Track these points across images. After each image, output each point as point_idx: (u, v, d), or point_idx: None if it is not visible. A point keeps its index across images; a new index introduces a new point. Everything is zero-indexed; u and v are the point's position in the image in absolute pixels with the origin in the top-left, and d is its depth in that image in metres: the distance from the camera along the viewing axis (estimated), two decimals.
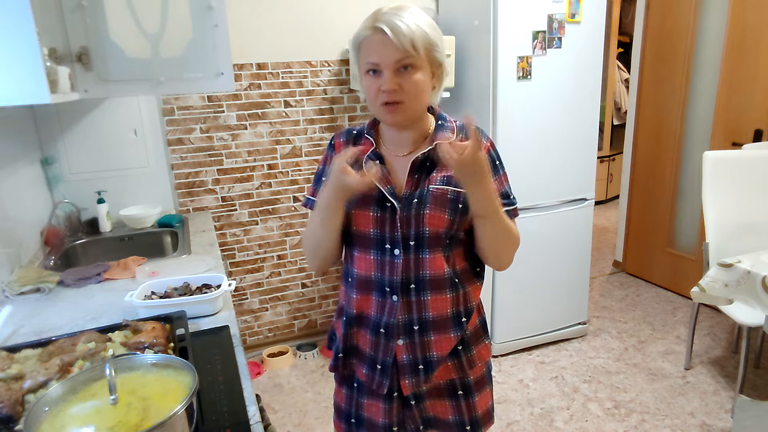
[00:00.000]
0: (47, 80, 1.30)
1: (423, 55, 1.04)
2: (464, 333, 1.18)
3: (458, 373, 1.20)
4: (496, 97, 2.50)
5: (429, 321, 1.15)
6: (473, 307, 1.20)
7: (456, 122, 1.18)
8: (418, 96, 1.06)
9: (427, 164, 1.12)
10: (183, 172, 2.61)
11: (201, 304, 1.46)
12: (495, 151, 1.16)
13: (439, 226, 1.10)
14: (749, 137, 2.92)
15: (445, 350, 1.16)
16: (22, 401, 0.96)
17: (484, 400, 1.27)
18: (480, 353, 1.23)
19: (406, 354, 1.16)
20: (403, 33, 1.00)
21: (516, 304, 2.78)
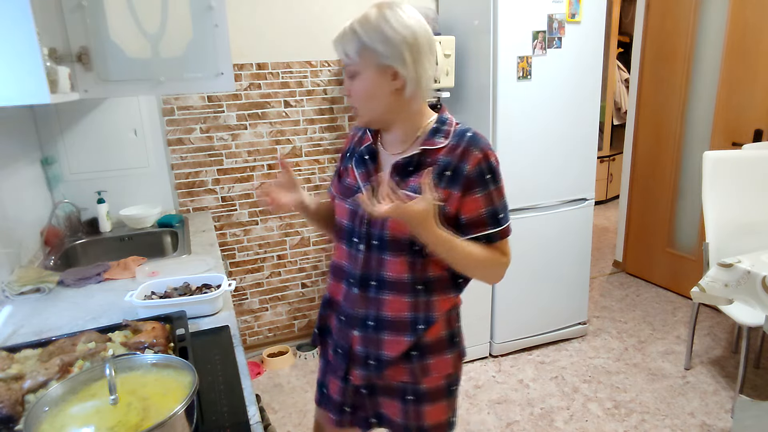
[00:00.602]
0: (47, 80, 1.30)
1: (361, 61, 1.07)
2: (419, 340, 1.17)
3: (410, 377, 1.20)
4: (496, 97, 2.50)
5: (384, 320, 1.17)
6: (435, 317, 1.17)
7: (458, 125, 1.15)
8: (367, 100, 1.10)
9: (410, 168, 1.12)
10: (183, 172, 2.61)
11: (201, 304, 1.46)
12: (489, 163, 1.10)
13: (400, 232, 1.11)
14: (749, 137, 2.92)
15: (394, 352, 1.17)
16: (22, 401, 0.96)
17: (437, 412, 1.23)
18: (438, 365, 1.20)
19: (360, 346, 1.20)
20: (338, 41, 1.09)
21: (516, 304, 2.78)
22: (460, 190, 1.09)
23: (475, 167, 1.09)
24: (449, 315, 1.21)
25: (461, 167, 1.09)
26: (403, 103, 1.12)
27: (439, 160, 1.10)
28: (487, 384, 2.62)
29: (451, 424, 1.28)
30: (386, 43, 1.05)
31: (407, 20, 1.07)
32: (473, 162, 1.09)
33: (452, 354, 1.22)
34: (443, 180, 1.09)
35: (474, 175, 1.09)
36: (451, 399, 1.26)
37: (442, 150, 1.11)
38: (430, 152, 1.12)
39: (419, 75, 1.09)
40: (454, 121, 1.16)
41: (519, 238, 2.69)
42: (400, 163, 1.13)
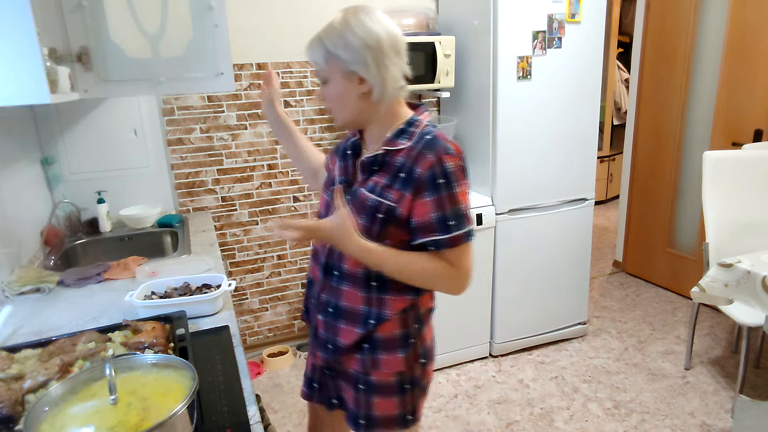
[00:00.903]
0: (47, 80, 1.30)
1: (328, 67, 1.13)
2: (371, 334, 1.21)
3: (361, 367, 1.24)
4: (496, 97, 2.50)
5: (341, 309, 1.23)
6: (387, 315, 1.19)
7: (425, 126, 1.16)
8: (338, 104, 1.16)
9: (374, 167, 1.16)
10: (183, 172, 2.61)
11: (201, 304, 1.46)
12: (443, 167, 1.09)
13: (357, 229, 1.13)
14: (749, 137, 2.92)
15: (347, 340, 1.23)
16: (22, 401, 0.96)
17: (387, 405, 1.25)
18: (388, 362, 1.22)
19: (323, 330, 1.27)
20: (308, 49, 1.15)
21: (516, 304, 2.78)
22: (411, 193, 1.11)
23: (427, 170, 1.09)
24: (405, 315, 1.22)
25: (414, 170, 1.10)
26: (373, 105, 1.15)
27: (397, 161, 1.13)
28: (487, 384, 2.62)
29: (404, 420, 1.28)
30: (348, 49, 1.09)
31: (371, 25, 1.09)
32: (425, 165, 1.09)
33: (405, 354, 1.23)
34: (397, 181, 1.12)
35: (425, 179, 1.09)
36: (404, 397, 1.26)
37: (402, 151, 1.13)
38: (393, 152, 1.15)
39: (384, 78, 1.11)
40: (423, 123, 1.17)
41: (519, 238, 2.70)
42: (366, 162, 1.17)
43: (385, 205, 1.12)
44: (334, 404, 1.37)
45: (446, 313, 2.65)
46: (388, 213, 1.12)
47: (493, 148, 2.56)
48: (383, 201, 1.12)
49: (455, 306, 2.66)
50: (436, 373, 2.72)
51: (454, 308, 2.66)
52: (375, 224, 1.13)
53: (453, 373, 2.72)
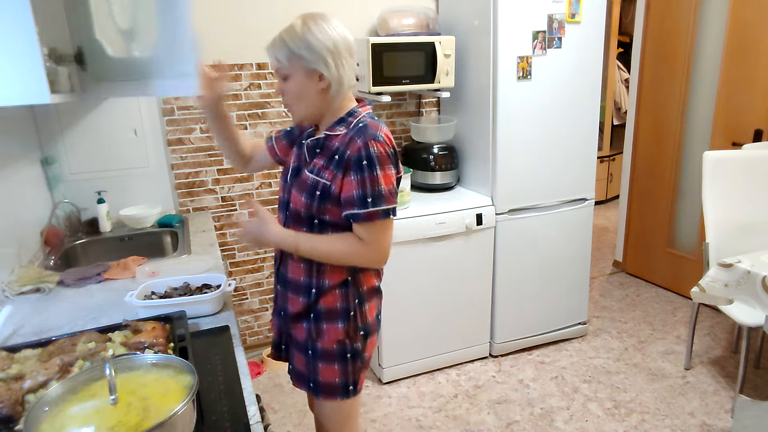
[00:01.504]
0: (47, 80, 1.30)
1: (290, 65, 1.25)
2: (312, 306, 1.36)
3: (307, 335, 1.39)
4: (496, 97, 2.50)
5: (287, 280, 1.40)
6: (327, 284, 1.35)
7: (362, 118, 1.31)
8: (298, 100, 1.28)
9: (316, 150, 1.34)
10: (183, 172, 2.61)
11: (201, 304, 1.46)
12: (368, 151, 1.24)
13: (298, 206, 1.32)
14: (749, 137, 2.92)
15: (294, 309, 1.39)
16: (22, 401, 0.96)
17: (329, 373, 1.39)
18: (329, 331, 1.37)
19: (279, 299, 1.45)
20: (270, 48, 1.26)
21: (516, 304, 2.78)
22: (341, 173, 1.27)
23: (355, 153, 1.25)
24: (345, 290, 1.36)
25: (345, 152, 1.27)
26: (329, 100, 1.30)
27: (334, 145, 1.30)
28: (487, 384, 2.62)
29: (345, 389, 1.41)
30: (310, 50, 1.23)
31: (330, 31, 1.25)
32: (354, 149, 1.25)
33: (345, 325, 1.37)
34: (332, 163, 1.28)
35: (352, 160, 1.25)
36: (346, 366, 1.39)
37: (339, 137, 1.30)
38: (331, 137, 1.32)
39: (341, 76, 1.27)
40: (360, 114, 1.33)
41: (519, 238, 2.70)
42: (310, 145, 1.35)
43: (321, 183, 1.28)
44: (290, 369, 1.51)
45: (446, 313, 2.65)
46: (324, 191, 1.28)
47: (493, 148, 2.56)
48: (320, 180, 1.29)
49: (455, 306, 2.66)
50: (437, 373, 2.72)
51: (454, 308, 2.66)
52: (314, 201, 1.29)
53: (453, 373, 2.72)
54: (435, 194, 2.75)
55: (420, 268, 2.51)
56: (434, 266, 2.55)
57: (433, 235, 2.49)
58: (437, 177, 2.77)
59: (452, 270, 2.60)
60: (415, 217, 2.45)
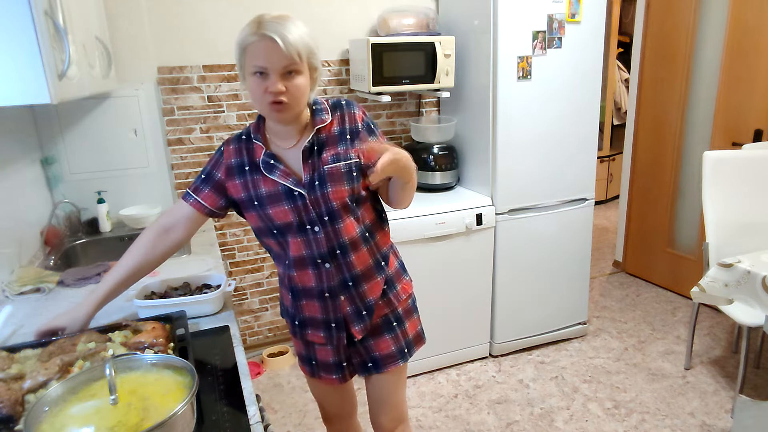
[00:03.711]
0: (47, 80, 1.30)
1: (305, 63, 1.21)
2: (387, 274, 1.41)
3: (389, 307, 1.43)
4: (496, 97, 2.50)
5: (358, 275, 1.36)
6: (387, 251, 1.42)
7: (329, 101, 1.34)
8: (300, 97, 1.23)
9: (315, 148, 1.29)
10: (183, 172, 2.61)
11: (201, 304, 1.46)
12: (366, 117, 1.35)
13: (342, 198, 1.29)
14: (749, 137, 2.92)
15: (377, 293, 1.39)
16: (22, 401, 0.96)
17: (413, 325, 1.51)
18: (404, 288, 1.48)
19: (350, 306, 1.37)
20: (291, 43, 1.17)
21: (516, 304, 2.78)
22: (359, 144, 1.32)
23: (363, 122, 1.34)
24: (393, 249, 1.48)
25: (351, 127, 1.32)
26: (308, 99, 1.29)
27: (335, 131, 1.31)
28: (487, 384, 2.62)
29: (423, 333, 1.56)
30: (317, 48, 1.25)
31: None
32: (356, 119, 1.33)
33: (407, 278, 1.51)
34: (347, 142, 1.31)
35: (364, 128, 1.33)
36: (418, 314, 1.55)
37: (332, 123, 1.32)
38: (324, 129, 1.31)
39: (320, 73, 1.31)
40: (323, 100, 1.35)
41: (519, 238, 2.70)
42: (307, 147, 1.29)
43: (353, 163, 1.30)
44: (369, 368, 1.47)
45: (446, 313, 2.65)
46: (358, 168, 1.31)
47: (493, 148, 2.56)
48: (351, 161, 1.30)
49: (455, 306, 2.66)
50: (437, 373, 2.72)
51: (454, 308, 2.66)
52: (355, 183, 1.30)
53: (453, 373, 2.72)
54: (435, 194, 2.75)
55: (420, 268, 2.51)
56: (434, 266, 2.55)
57: (433, 235, 2.49)
58: (437, 177, 2.77)
59: (452, 270, 2.60)
60: (415, 217, 2.45)
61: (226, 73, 2.57)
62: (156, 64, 2.44)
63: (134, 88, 2.41)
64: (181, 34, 2.46)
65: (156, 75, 2.46)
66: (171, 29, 2.44)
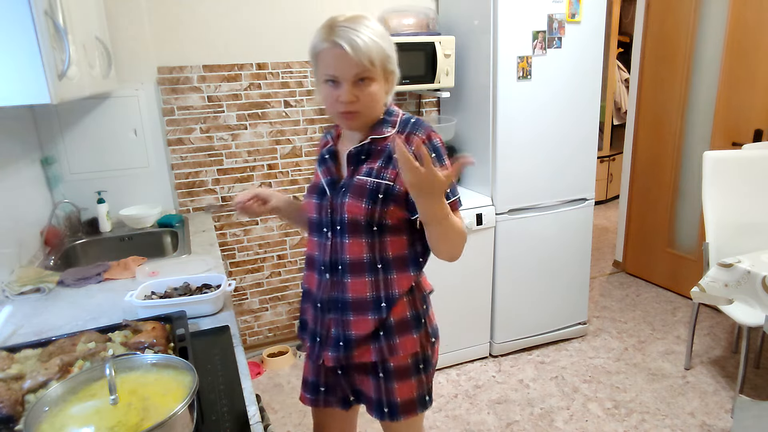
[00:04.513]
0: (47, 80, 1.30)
1: (379, 68, 1.14)
2: (385, 319, 1.24)
3: (378, 356, 1.25)
4: (496, 97, 2.50)
5: (348, 302, 1.24)
6: (397, 294, 1.24)
7: (402, 115, 1.26)
8: (374, 105, 1.18)
9: (362, 156, 1.23)
10: (183, 172, 2.61)
11: (201, 304, 1.46)
12: (431, 143, 1.19)
13: (356, 214, 1.20)
14: (749, 137, 2.92)
15: (362, 331, 1.24)
16: (22, 401, 0.96)
17: (407, 389, 1.29)
18: (404, 344, 1.26)
19: (335, 328, 1.27)
20: (362, 50, 1.10)
21: (516, 304, 2.78)
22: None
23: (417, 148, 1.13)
24: (412, 296, 1.28)
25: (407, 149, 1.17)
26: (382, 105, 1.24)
27: (387, 146, 1.22)
28: (487, 384, 2.62)
29: (423, 402, 1.32)
30: (393, 50, 1.18)
31: None
32: (416, 144, 1.13)
33: (418, 334, 1.28)
34: (391, 162, 1.20)
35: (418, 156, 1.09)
36: (420, 377, 1.30)
37: (389, 138, 1.22)
38: (379, 141, 1.22)
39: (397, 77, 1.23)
40: (400, 113, 1.27)
41: (519, 238, 2.70)
42: (353, 153, 1.24)
43: (384, 185, 1.19)
44: (350, 401, 1.37)
45: (446, 313, 2.65)
46: (387, 192, 1.19)
47: (493, 148, 2.56)
48: (381, 181, 1.19)
49: (455, 306, 2.66)
50: (436, 372, 2.72)
51: (454, 308, 2.66)
52: (377, 204, 1.19)
53: (453, 373, 2.72)
54: None
55: None
56: (434, 266, 2.54)
57: None
58: None
59: (452, 270, 2.60)
60: None
61: (226, 73, 2.57)
62: (156, 64, 2.44)
63: (134, 88, 2.41)
64: (181, 34, 2.46)
65: (156, 75, 2.46)
66: (171, 29, 2.44)
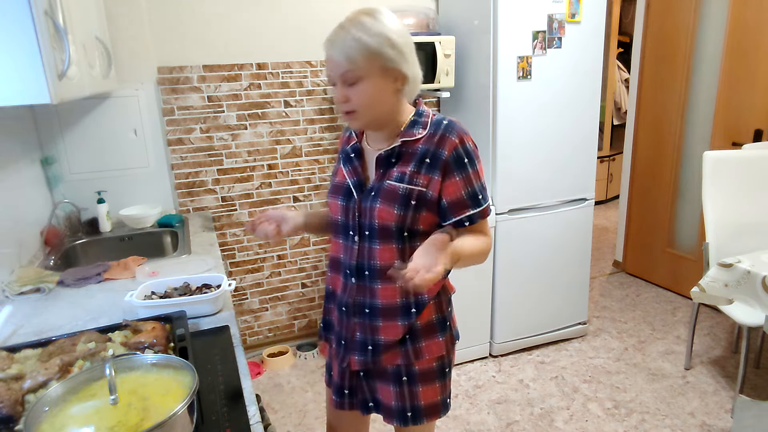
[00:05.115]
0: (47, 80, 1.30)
1: (367, 66, 1.10)
2: (413, 323, 1.24)
3: (404, 360, 1.25)
4: (496, 97, 2.50)
5: (378, 308, 1.23)
6: (427, 299, 1.25)
7: (433, 116, 1.22)
8: (371, 104, 1.14)
9: (392, 160, 1.20)
10: (183, 172, 2.61)
11: (201, 304, 1.46)
12: (465, 147, 1.16)
13: (387, 220, 1.17)
14: (749, 137, 2.92)
15: (391, 336, 1.24)
16: (22, 401, 0.96)
17: (431, 393, 1.29)
18: (430, 347, 1.26)
19: (360, 333, 1.26)
20: (338, 49, 1.10)
21: (516, 304, 2.78)
22: (439, 175, 1.16)
23: (452, 152, 1.15)
24: (439, 299, 1.29)
25: (439, 153, 1.16)
26: (399, 102, 1.20)
27: (418, 149, 1.18)
28: (487, 384, 2.62)
29: (445, 405, 1.33)
30: (393, 46, 1.12)
31: (398, 23, 1.15)
32: (450, 147, 1.15)
33: (444, 337, 1.29)
34: (423, 167, 1.16)
35: (452, 160, 1.15)
36: (444, 381, 1.31)
37: (421, 140, 1.18)
38: (410, 143, 1.19)
39: (415, 73, 1.19)
40: (430, 113, 1.24)
41: (519, 238, 2.70)
42: (383, 156, 1.20)
43: (417, 191, 1.16)
44: (370, 407, 1.35)
45: None
46: (420, 198, 1.16)
47: (493, 148, 2.56)
48: (414, 187, 1.16)
49: (455, 306, 2.65)
50: None
51: (455, 308, 2.66)
52: (409, 210, 1.16)
53: (453, 373, 2.72)
54: None
55: None
56: None
57: None
58: None
59: (452, 270, 2.59)
60: None
61: (226, 73, 2.57)
62: (156, 64, 2.44)
63: (134, 88, 2.41)
64: (181, 34, 2.46)
65: (156, 75, 2.46)
66: (171, 29, 2.44)
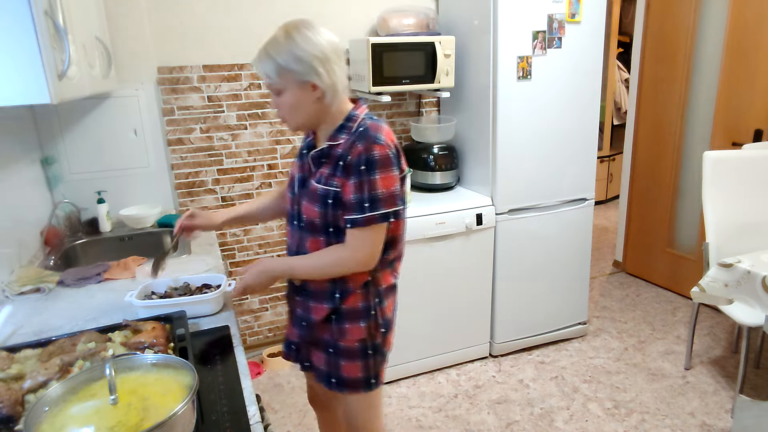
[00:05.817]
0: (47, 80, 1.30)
1: (282, 80, 1.24)
2: (339, 307, 1.38)
3: (330, 336, 1.41)
4: (496, 97, 2.50)
5: (308, 291, 1.41)
6: (350, 288, 1.36)
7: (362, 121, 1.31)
8: (293, 112, 1.28)
9: (322, 160, 1.33)
10: (183, 172, 2.61)
11: (201, 304, 1.46)
12: (368, 155, 1.24)
13: (312, 216, 1.33)
14: (749, 137, 2.92)
15: (318, 316, 1.40)
16: (22, 401, 0.96)
17: (353, 369, 1.42)
18: (352, 330, 1.39)
19: (300, 309, 1.45)
20: (258, 66, 1.26)
21: (516, 304, 2.78)
22: (345, 177, 1.28)
23: (355, 158, 1.26)
24: (366, 290, 1.38)
25: (346, 157, 1.27)
26: (326, 107, 1.30)
27: (338, 152, 1.30)
28: (487, 384, 2.62)
29: (368, 383, 1.45)
30: (298, 62, 1.22)
31: (315, 38, 1.23)
32: (355, 153, 1.26)
33: (366, 324, 1.40)
34: (338, 169, 1.29)
35: (352, 164, 1.26)
36: (367, 361, 1.43)
37: (342, 144, 1.30)
38: (335, 146, 1.31)
39: (334, 82, 1.27)
40: (360, 117, 1.33)
41: (519, 238, 2.70)
42: (315, 156, 1.34)
43: (332, 192, 1.29)
44: (306, 366, 1.53)
45: (446, 313, 2.65)
46: (336, 198, 1.28)
47: (493, 148, 2.56)
48: (329, 188, 1.29)
49: (455, 306, 2.66)
50: (437, 373, 2.72)
51: (454, 308, 2.66)
52: (328, 209, 1.30)
53: (453, 373, 2.72)
54: (435, 194, 2.75)
55: (420, 268, 2.51)
56: (434, 266, 2.55)
57: (433, 235, 2.49)
58: (437, 177, 2.77)
59: (452, 270, 2.60)
60: (415, 217, 2.45)
61: (226, 73, 2.57)
62: (156, 64, 2.44)
63: (134, 88, 2.41)
64: (180, 34, 2.46)
65: (156, 75, 2.46)
66: (171, 29, 2.44)
